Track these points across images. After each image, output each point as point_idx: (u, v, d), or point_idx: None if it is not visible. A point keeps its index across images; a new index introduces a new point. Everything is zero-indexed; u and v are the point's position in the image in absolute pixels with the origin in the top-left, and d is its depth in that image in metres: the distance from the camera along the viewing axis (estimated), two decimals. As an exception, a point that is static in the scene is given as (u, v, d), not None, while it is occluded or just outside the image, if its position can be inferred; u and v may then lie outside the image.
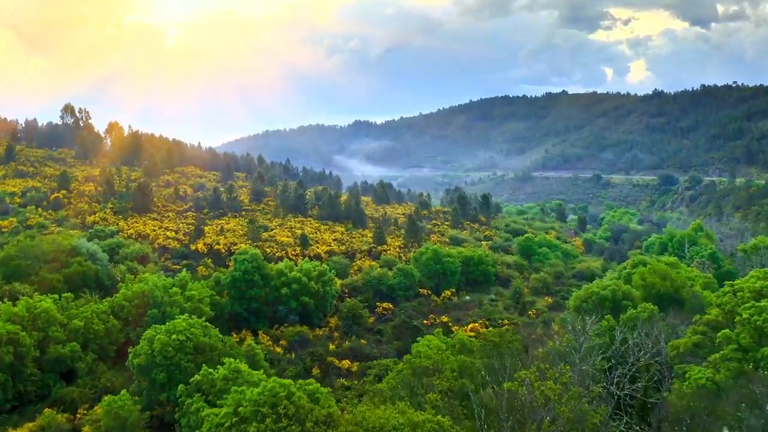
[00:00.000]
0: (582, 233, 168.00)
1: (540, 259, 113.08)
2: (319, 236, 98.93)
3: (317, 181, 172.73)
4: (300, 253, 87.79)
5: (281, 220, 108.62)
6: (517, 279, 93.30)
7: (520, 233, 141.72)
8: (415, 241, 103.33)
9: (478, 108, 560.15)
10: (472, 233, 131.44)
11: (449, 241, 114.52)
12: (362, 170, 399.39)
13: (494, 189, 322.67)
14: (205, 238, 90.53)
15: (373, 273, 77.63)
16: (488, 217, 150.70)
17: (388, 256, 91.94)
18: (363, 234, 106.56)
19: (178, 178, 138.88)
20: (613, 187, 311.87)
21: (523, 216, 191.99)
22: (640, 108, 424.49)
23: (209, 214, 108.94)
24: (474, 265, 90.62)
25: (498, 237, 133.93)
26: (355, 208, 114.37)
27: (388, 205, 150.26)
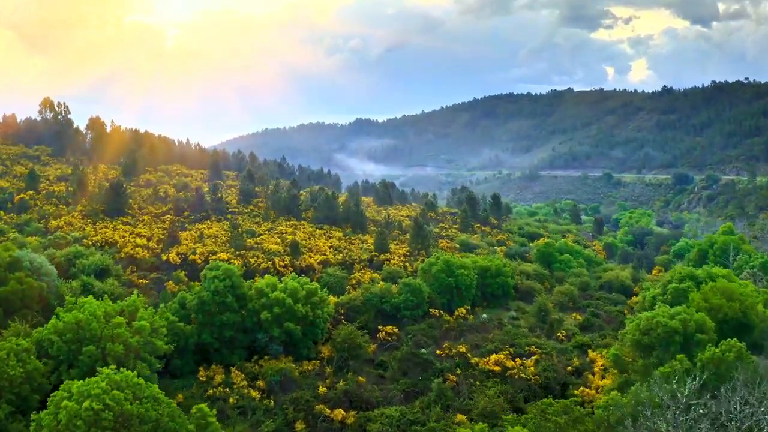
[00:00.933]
0: (599, 236, 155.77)
1: (562, 267, 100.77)
2: (312, 243, 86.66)
3: (314, 181, 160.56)
4: (290, 264, 75.49)
5: (271, 224, 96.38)
6: (541, 294, 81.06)
7: (535, 237, 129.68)
8: (422, 248, 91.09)
9: (482, 106, 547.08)
10: (484, 237, 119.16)
11: (459, 247, 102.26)
12: (363, 169, 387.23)
13: (500, 188, 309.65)
14: (180, 246, 78.26)
15: (375, 289, 65.26)
16: (499, 219, 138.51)
17: (392, 266, 79.68)
18: (363, 240, 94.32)
19: (160, 177, 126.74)
20: (625, 186, 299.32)
21: (535, 217, 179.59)
22: (649, 105, 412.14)
23: (190, 217, 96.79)
24: (491, 276, 78.29)
25: (512, 241, 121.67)
26: (354, 210, 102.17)
27: (391, 206, 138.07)
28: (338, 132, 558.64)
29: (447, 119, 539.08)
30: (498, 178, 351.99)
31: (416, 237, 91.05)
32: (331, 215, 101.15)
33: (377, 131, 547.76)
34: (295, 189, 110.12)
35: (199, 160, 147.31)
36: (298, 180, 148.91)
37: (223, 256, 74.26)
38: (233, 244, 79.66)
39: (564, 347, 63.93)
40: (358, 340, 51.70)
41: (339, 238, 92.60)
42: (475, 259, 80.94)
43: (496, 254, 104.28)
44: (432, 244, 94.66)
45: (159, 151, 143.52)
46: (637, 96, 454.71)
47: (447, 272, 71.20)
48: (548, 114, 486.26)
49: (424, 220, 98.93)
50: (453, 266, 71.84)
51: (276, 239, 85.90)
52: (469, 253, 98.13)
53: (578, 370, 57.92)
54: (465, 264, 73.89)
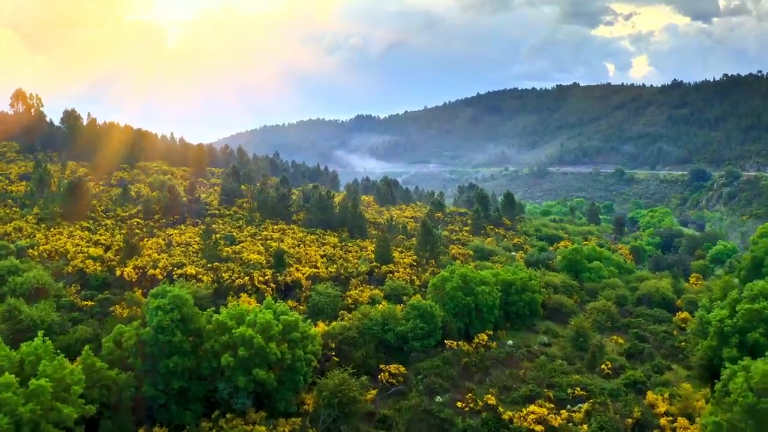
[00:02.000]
0: (620, 237, 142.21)
1: (592, 277, 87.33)
2: (302, 252, 73.17)
3: (310, 178, 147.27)
4: (272, 279, 62.06)
5: (255, 229, 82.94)
6: (578, 315, 67.72)
7: (554, 240, 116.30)
8: (431, 256, 77.71)
9: (486, 101, 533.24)
10: (499, 241, 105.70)
11: (473, 254, 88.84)
12: (364, 166, 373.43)
13: (508, 185, 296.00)
14: (140, 257, 64.76)
15: (375, 314, 51.79)
16: (513, 220, 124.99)
17: (397, 281, 66.22)
18: (362, 247, 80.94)
19: (136, 174, 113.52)
20: (638, 183, 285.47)
21: (549, 216, 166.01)
22: (660, 99, 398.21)
23: (161, 221, 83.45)
24: (516, 293, 64.84)
25: (529, 245, 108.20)
26: (352, 212, 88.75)
27: (394, 206, 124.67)
28: (338, 128, 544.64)
29: (450, 115, 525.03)
30: (504, 175, 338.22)
31: (424, 243, 77.63)
32: (325, 218, 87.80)
33: (378, 128, 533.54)
34: (285, 187, 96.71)
35: (183, 156, 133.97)
36: (292, 178, 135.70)
37: (190, 270, 60.90)
38: (205, 254, 66.26)
39: (615, 388, 50.41)
40: (352, 392, 38.19)
41: (334, 245, 79.13)
42: (496, 271, 67.43)
43: (514, 261, 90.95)
44: (442, 251, 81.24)
45: (138, 147, 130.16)
46: (646, 90, 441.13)
47: (464, 290, 57.80)
48: (554, 109, 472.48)
49: (433, 223, 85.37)
50: (471, 282, 58.39)
51: (259, 247, 72.43)
52: (485, 261, 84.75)
53: (641, 424, 44.48)
54: (485, 279, 60.40)
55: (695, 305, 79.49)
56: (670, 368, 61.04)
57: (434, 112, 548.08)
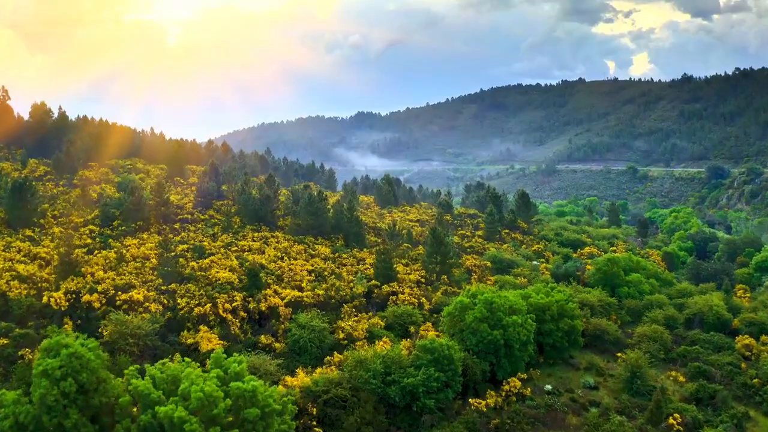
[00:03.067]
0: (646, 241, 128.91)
1: (631, 292, 74.13)
2: (285, 267, 59.86)
3: (304, 177, 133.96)
4: (242, 306, 48.81)
5: (231, 238, 69.61)
6: (626, 344, 54.54)
7: (576, 245, 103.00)
8: (442, 270, 64.46)
9: (490, 97, 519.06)
10: (516, 248, 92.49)
11: (491, 266, 75.51)
12: (365, 164, 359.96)
13: (515, 184, 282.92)
14: (76, 278, 51.34)
15: (374, 362, 38.44)
16: (529, 223, 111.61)
17: (401, 305, 52.95)
18: (359, 258, 67.72)
19: (104, 173, 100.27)
20: (652, 180, 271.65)
21: (565, 217, 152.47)
22: (670, 94, 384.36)
23: (120, 228, 70.21)
24: (551, 320, 51.63)
25: (550, 252, 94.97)
26: (348, 216, 75.48)
27: (397, 207, 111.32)
28: (338, 126, 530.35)
29: (453, 111, 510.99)
30: (511, 173, 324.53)
31: (434, 254, 64.35)
32: (316, 223, 74.54)
33: (379, 125, 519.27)
34: (271, 188, 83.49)
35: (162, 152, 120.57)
36: (283, 176, 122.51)
37: (137, 295, 47.65)
38: (162, 272, 53.02)
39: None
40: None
41: (325, 257, 65.82)
42: (526, 292, 54.14)
43: (538, 273, 77.73)
44: (455, 262, 67.92)
45: (113, 143, 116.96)
46: (655, 85, 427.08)
47: (490, 320, 44.57)
48: (560, 105, 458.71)
49: (443, 229, 71.99)
50: (499, 310, 45.10)
51: (232, 261, 59.14)
52: (505, 275, 71.47)
53: None
54: (516, 305, 47.06)
55: (756, 327, 66.69)
56: (747, 416, 48.11)
57: (436, 108, 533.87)
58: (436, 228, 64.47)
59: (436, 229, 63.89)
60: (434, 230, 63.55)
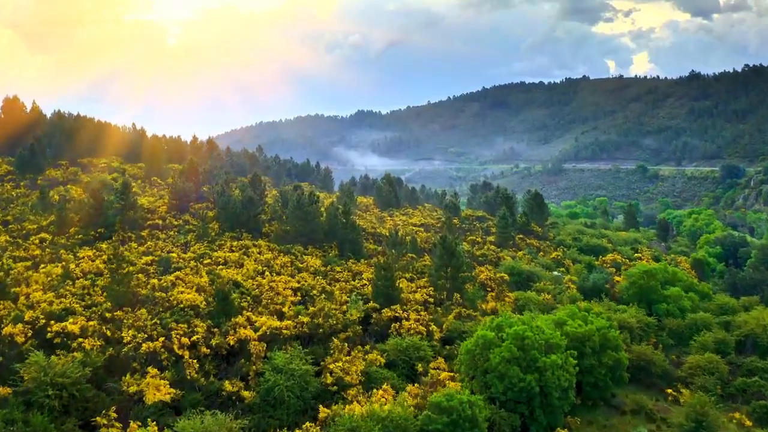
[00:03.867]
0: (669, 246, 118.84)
1: (671, 309, 64.09)
2: (265, 285, 49.77)
3: (299, 176, 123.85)
4: (203, 340, 38.69)
5: (205, 248, 59.50)
6: (688, 388, 44.57)
7: (597, 251, 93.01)
8: (454, 287, 54.39)
9: (492, 95, 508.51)
10: (533, 256, 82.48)
11: (509, 279, 65.34)
12: (365, 163, 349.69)
13: (520, 184, 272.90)
14: (9, 301, 41.17)
15: (372, 428, 28.34)
16: (543, 227, 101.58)
17: (406, 336, 42.83)
18: (355, 272, 57.66)
19: (73, 173, 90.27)
20: (663, 180, 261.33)
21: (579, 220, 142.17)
22: (678, 91, 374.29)
23: (77, 237, 60.18)
24: (592, 353, 41.57)
25: (570, 260, 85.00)
26: (343, 221, 65.41)
27: (398, 209, 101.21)
28: (338, 124, 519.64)
29: (455, 110, 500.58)
30: (516, 172, 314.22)
31: (444, 267, 54.28)
32: (306, 230, 64.44)
33: (380, 124, 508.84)
34: (256, 189, 73.43)
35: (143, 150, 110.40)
36: (275, 176, 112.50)
37: (72, 326, 37.55)
38: (112, 292, 42.98)
39: None
40: None
41: (315, 272, 55.71)
42: (559, 317, 44.01)
43: (562, 287, 67.71)
44: (468, 276, 57.77)
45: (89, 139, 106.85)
46: (662, 82, 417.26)
47: (522, 361, 34.53)
48: (565, 103, 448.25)
49: (453, 235, 61.82)
50: (532, 348, 35.04)
51: (202, 278, 49.04)
52: (526, 292, 61.39)
53: None
54: (553, 339, 36.97)
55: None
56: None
57: (438, 107, 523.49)
58: (446, 236, 54.31)
59: (446, 237, 53.75)
60: (444, 239, 53.44)
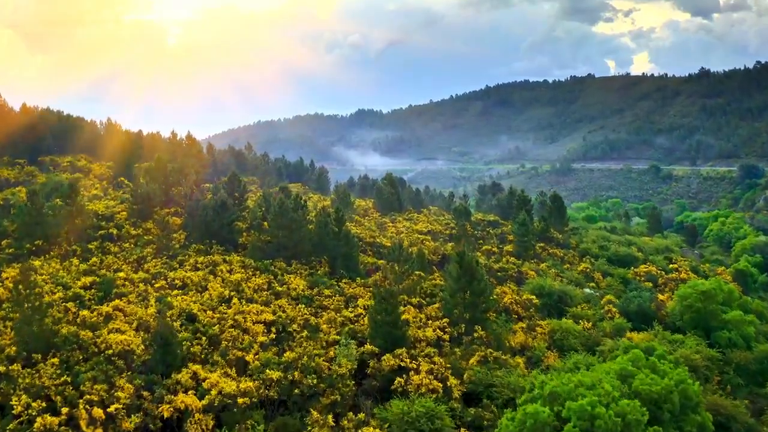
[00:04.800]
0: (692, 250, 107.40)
1: (733, 338, 52.47)
2: (229, 317, 38.20)
3: (291, 176, 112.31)
4: (125, 412, 27.03)
5: (161, 266, 47.84)
6: None
7: (627, 262, 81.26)
8: (474, 316, 42.74)
9: (496, 94, 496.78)
10: (558, 269, 70.89)
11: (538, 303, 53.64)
12: (365, 163, 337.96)
13: (527, 184, 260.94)
14: None
15: None
16: (564, 233, 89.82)
17: (417, 400, 31.06)
18: (350, 296, 46.09)
19: (31, 172, 78.86)
20: (678, 180, 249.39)
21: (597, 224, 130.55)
22: (688, 89, 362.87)
23: (7, 251, 48.66)
24: (671, 420, 29.92)
25: (599, 273, 73.42)
26: (334, 231, 53.84)
27: (401, 213, 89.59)
28: (337, 123, 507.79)
29: (458, 108, 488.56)
30: (522, 172, 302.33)
31: (462, 291, 42.67)
32: (290, 241, 52.84)
33: (380, 123, 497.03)
34: (234, 191, 61.91)
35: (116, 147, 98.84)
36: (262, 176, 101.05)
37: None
38: (21, 331, 31.48)
39: None
40: None
41: (297, 297, 44.09)
42: (622, 367, 32.47)
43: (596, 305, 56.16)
44: (493, 301, 46.07)
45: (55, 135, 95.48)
46: (670, 80, 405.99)
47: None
48: (570, 101, 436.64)
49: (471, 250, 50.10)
50: (605, 430, 23.50)
51: (149, 310, 37.44)
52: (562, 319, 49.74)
53: None
54: (630, 415, 25.38)
55: None
56: None
57: (440, 106, 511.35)
58: (464, 252, 42.69)
59: (463, 253, 42.13)
60: (462, 255, 41.80)
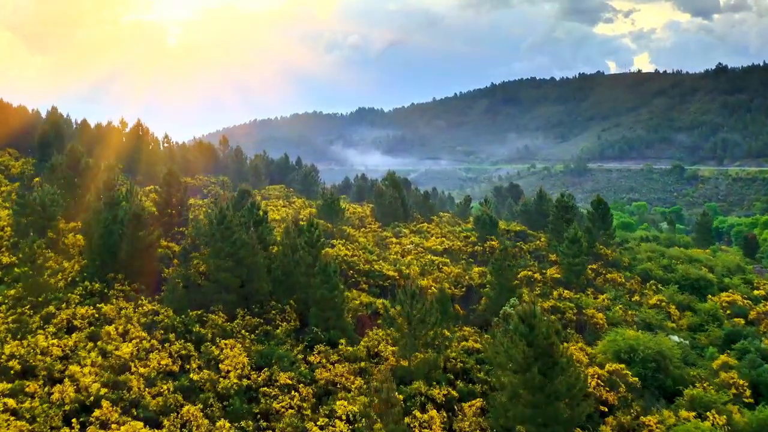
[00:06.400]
0: (760, 266, 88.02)
1: None
2: None
3: (275, 177, 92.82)
4: None
5: (17, 326, 28.76)
6: None
7: (703, 288, 61.69)
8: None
9: (502, 92, 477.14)
10: (625, 302, 51.65)
11: (624, 370, 34.43)
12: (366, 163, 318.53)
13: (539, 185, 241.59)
14: None
15: None
16: (611, 248, 70.09)
17: None
18: (316, 382, 26.83)
19: None
20: (704, 181, 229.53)
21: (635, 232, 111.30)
22: (706, 85, 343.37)
23: None
24: None
25: (674, 307, 53.99)
26: (308, 259, 34.44)
27: (407, 224, 70.01)
28: (337, 122, 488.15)
29: (462, 107, 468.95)
30: (534, 172, 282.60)
31: (529, 386, 23.39)
32: (233, 279, 33.47)
33: (381, 121, 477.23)
34: (170, 196, 42.59)
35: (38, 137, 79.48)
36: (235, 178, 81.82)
37: None
38: None
39: None
40: None
41: (226, 391, 24.85)
42: None
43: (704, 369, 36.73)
44: (579, 393, 26.81)
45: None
46: (686, 77, 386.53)
47: None
48: (581, 99, 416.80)
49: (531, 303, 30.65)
50: None
51: None
52: (670, 407, 30.34)
53: None
54: None
55: None
56: None
57: (444, 103, 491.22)
58: (529, 310, 23.52)
59: (529, 316, 22.97)
60: (528, 320, 22.61)
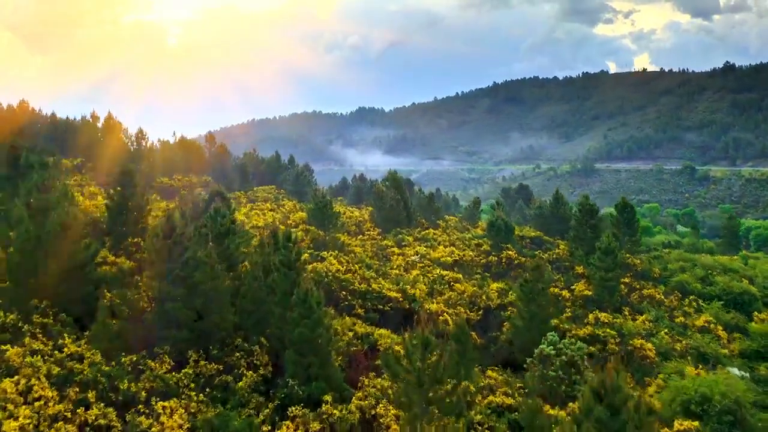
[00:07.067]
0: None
1: None
2: None
3: (263, 178, 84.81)
4: None
5: None
6: None
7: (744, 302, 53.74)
8: None
9: (504, 91, 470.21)
10: (668, 325, 43.60)
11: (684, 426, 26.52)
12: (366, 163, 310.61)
13: (546, 186, 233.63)
14: None
15: None
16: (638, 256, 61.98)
17: None
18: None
19: None
20: (716, 182, 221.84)
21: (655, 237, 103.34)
22: (714, 84, 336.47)
23: None
24: None
25: (721, 328, 45.94)
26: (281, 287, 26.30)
27: (410, 230, 61.95)
28: (337, 122, 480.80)
29: (464, 106, 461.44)
30: (539, 173, 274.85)
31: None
32: (188, 313, 25.35)
33: (382, 121, 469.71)
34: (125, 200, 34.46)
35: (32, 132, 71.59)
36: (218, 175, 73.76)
37: None
38: None
39: None
40: None
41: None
42: None
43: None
44: None
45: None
46: (693, 75, 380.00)
47: None
48: (585, 98, 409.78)
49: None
50: None
51: None
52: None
53: None
54: None
55: None
56: None
57: (445, 103, 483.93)
58: (612, 391, 15.48)
59: (610, 400, 14.88)
60: (608, 401, 14.50)
